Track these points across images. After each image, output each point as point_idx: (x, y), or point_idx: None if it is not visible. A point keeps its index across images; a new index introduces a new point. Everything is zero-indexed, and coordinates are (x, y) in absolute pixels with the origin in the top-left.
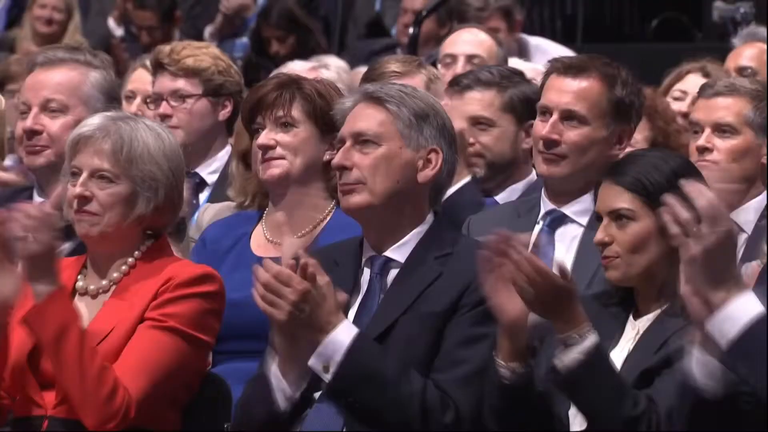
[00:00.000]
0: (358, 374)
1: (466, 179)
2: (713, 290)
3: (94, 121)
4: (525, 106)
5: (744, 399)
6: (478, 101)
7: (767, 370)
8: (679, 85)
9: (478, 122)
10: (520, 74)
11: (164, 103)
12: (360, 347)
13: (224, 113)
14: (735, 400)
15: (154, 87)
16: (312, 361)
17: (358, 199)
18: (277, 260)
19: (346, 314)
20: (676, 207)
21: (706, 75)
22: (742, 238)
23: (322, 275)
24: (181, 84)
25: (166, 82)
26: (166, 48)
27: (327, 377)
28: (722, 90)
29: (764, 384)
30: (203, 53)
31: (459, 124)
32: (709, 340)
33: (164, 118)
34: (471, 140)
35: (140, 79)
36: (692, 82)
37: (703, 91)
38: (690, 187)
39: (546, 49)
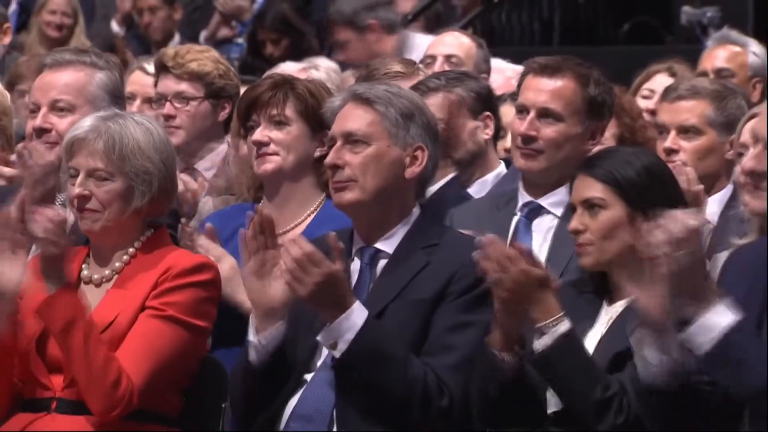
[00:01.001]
0: (368, 353)
1: (450, 176)
2: (684, 304)
3: (85, 123)
4: (476, 100)
5: (705, 389)
6: (431, 106)
7: (742, 376)
8: (647, 84)
9: None
10: (466, 74)
11: (168, 104)
12: (372, 328)
13: (223, 114)
14: (695, 390)
15: (157, 87)
16: (321, 337)
17: (350, 196)
18: None
19: None
20: (652, 231)
21: (672, 74)
22: (708, 229)
23: (342, 260)
24: (185, 87)
25: (171, 84)
26: (170, 51)
27: (335, 353)
28: (684, 93)
29: (741, 388)
30: (205, 57)
31: None
32: (657, 338)
33: (168, 118)
34: None
35: (138, 81)
36: (659, 81)
37: (666, 95)
38: (667, 215)
39: (419, 44)
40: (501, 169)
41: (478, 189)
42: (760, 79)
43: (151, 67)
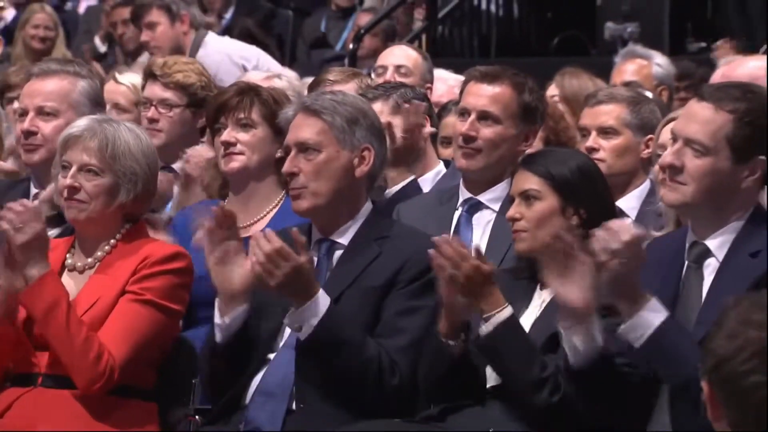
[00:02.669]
0: (330, 337)
1: (410, 178)
2: (621, 302)
3: (81, 123)
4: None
5: (625, 370)
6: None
7: (672, 365)
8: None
9: None
10: (403, 84)
11: (153, 108)
12: (333, 315)
13: (202, 121)
14: (617, 371)
15: (144, 92)
16: (287, 320)
17: (306, 204)
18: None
19: None
20: (608, 238)
21: (556, 81)
22: (627, 222)
23: (305, 252)
24: (170, 95)
25: (157, 91)
26: (159, 61)
27: (300, 336)
28: (603, 99)
29: (671, 375)
30: (190, 70)
31: None
32: (583, 327)
33: (151, 121)
34: None
35: (110, 89)
36: (551, 90)
37: (587, 101)
38: (614, 224)
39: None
40: (440, 168)
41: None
42: (665, 87)
43: (122, 77)
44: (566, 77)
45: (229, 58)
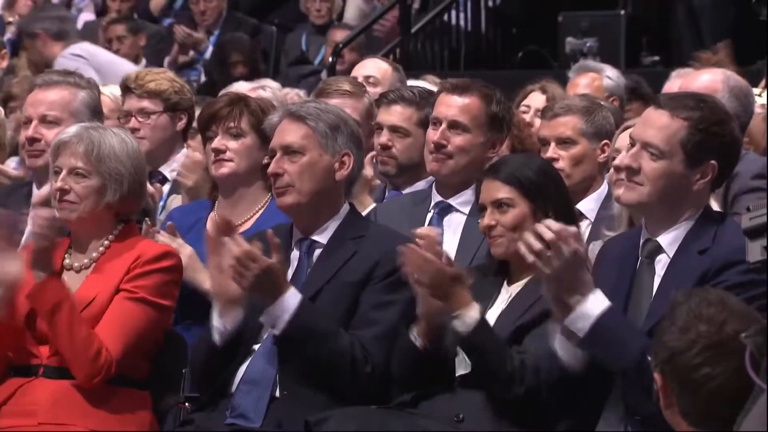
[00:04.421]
0: (302, 330)
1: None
2: (568, 295)
3: (71, 130)
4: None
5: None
6: (400, 114)
7: (614, 352)
8: (524, 101)
9: (396, 130)
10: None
11: (133, 119)
12: (305, 309)
13: (180, 125)
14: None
15: (124, 105)
16: (263, 318)
17: (290, 200)
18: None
19: None
20: (530, 240)
21: (543, 91)
22: (586, 224)
23: (276, 253)
24: (146, 103)
25: (134, 102)
26: (132, 75)
27: (275, 332)
28: (559, 111)
29: (614, 362)
30: (162, 78)
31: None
32: (569, 331)
33: (133, 131)
34: (389, 143)
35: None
36: (534, 98)
37: (544, 114)
38: (539, 225)
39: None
40: (431, 177)
41: (412, 192)
42: (616, 97)
43: (104, 89)
44: (550, 88)
45: (63, 57)
